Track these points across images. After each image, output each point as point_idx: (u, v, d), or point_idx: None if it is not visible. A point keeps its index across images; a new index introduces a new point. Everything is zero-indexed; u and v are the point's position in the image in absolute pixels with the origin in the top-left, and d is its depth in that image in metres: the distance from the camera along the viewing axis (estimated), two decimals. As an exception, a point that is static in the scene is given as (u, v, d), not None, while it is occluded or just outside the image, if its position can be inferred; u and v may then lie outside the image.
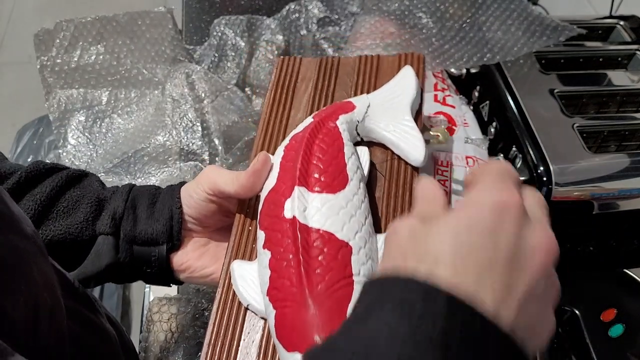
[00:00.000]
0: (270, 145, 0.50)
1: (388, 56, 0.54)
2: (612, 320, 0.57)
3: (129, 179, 0.71)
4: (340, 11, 0.88)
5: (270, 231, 0.39)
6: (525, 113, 0.66)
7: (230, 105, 0.76)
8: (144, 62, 0.79)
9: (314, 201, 0.39)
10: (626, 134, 0.67)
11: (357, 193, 0.40)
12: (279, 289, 0.36)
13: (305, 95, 0.53)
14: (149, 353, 0.60)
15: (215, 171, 0.45)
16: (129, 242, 0.46)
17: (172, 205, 0.46)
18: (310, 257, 0.36)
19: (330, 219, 0.38)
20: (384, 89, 0.50)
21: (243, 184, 0.42)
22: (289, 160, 0.42)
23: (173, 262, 0.47)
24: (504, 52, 0.71)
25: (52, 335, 0.31)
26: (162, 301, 0.63)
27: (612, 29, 0.81)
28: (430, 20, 0.74)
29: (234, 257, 0.43)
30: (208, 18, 0.91)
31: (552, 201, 0.61)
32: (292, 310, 0.35)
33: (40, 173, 0.46)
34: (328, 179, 0.40)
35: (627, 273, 0.61)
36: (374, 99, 0.48)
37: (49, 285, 0.33)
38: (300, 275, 0.35)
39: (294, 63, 0.55)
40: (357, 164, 0.43)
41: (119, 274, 0.47)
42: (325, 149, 0.42)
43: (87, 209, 0.46)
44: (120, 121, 0.77)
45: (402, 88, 0.48)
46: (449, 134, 0.62)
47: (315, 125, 0.44)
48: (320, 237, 0.37)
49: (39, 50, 0.76)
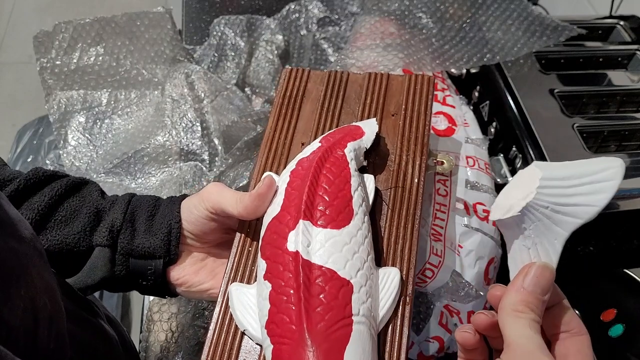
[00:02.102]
0: (274, 161, 0.49)
1: (397, 76, 0.53)
2: (612, 320, 0.57)
3: (129, 180, 0.71)
4: (340, 11, 0.88)
5: (272, 262, 0.39)
6: (525, 113, 0.66)
7: (230, 105, 0.76)
8: (144, 62, 0.79)
9: (318, 236, 0.38)
10: (626, 134, 0.67)
11: (361, 228, 0.40)
12: (277, 324, 0.36)
13: (311, 111, 0.52)
14: (150, 353, 0.61)
15: (219, 190, 0.44)
16: (126, 255, 0.45)
17: (172, 219, 0.46)
18: (311, 296, 0.36)
19: (333, 256, 0.37)
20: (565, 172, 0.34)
21: (247, 206, 0.42)
22: (294, 188, 0.41)
23: (170, 276, 0.46)
24: (504, 52, 0.71)
25: (52, 339, 0.31)
26: (162, 301, 0.63)
27: (612, 29, 0.81)
28: (430, 21, 0.74)
29: (233, 278, 0.43)
30: (208, 18, 0.92)
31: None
32: (289, 348, 0.34)
33: (40, 181, 0.45)
34: (333, 213, 0.39)
35: (627, 273, 0.61)
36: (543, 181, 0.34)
37: (49, 289, 0.33)
38: (300, 314, 0.35)
39: (302, 76, 0.54)
40: (362, 195, 0.42)
41: (114, 285, 0.47)
42: (332, 180, 0.41)
43: (85, 219, 0.45)
44: (120, 122, 0.77)
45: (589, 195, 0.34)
46: (454, 160, 0.61)
47: (322, 153, 0.43)
48: (322, 275, 0.37)
49: (39, 52, 0.76)
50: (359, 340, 0.35)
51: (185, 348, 0.61)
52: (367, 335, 0.36)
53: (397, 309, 0.40)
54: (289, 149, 0.49)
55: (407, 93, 0.52)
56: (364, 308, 0.37)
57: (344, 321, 0.35)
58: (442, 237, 0.55)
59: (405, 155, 0.48)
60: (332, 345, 0.34)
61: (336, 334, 0.35)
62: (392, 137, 0.49)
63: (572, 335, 0.33)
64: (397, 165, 0.47)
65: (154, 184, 0.70)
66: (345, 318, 0.35)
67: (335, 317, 0.35)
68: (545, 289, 0.32)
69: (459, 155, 0.62)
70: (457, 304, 0.56)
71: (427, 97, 0.51)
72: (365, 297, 0.37)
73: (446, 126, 0.64)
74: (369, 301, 0.37)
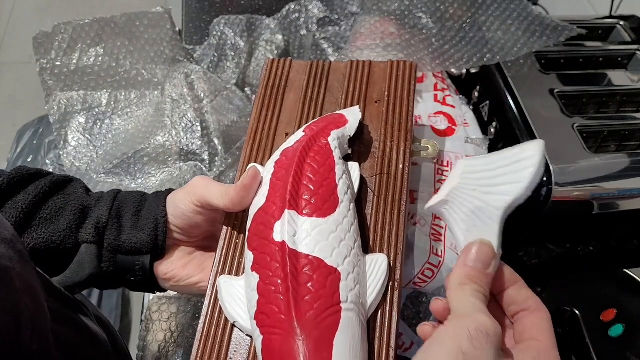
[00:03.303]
0: (259, 152, 0.49)
1: (380, 63, 0.53)
2: (612, 320, 0.57)
3: (129, 180, 0.71)
4: (340, 11, 0.88)
5: (259, 253, 0.39)
6: (525, 113, 0.66)
7: (230, 105, 0.76)
8: (143, 63, 0.79)
9: (304, 225, 0.38)
10: (626, 134, 0.67)
11: (347, 215, 0.40)
12: (267, 315, 0.36)
13: (294, 101, 0.52)
14: (147, 352, 0.60)
15: (205, 183, 0.44)
16: (113, 251, 0.45)
17: (158, 214, 0.45)
18: (299, 285, 0.36)
19: (320, 244, 0.38)
20: (488, 161, 0.37)
21: (232, 198, 0.42)
22: (279, 178, 0.41)
23: (158, 271, 0.46)
24: (504, 52, 0.71)
25: (35, 340, 0.31)
26: (161, 300, 0.63)
27: (612, 29, 0.81)
28: (430, 21, 0.74)
29: (221, 271, 0.43)
30: (208, 18, 0.92)
31: (552, 201, 0.61)
32: (280, 338, 0.35)
33: (24, 179, 0.45)
34: (319, 201, 0.40)
35: (627, 273, 0.61)
36: (468, 169, 0.37)
37: (30, 290, 0.32)
38: (289, 304, 0.35)
39: (284, 66, 0.54)
40: (347, 183, 0.42)
41: (103, 282, 0.46)
42: (317, 169, 0.41)
43: (70, 216, 0.45)
44: (120, 122, 0.77)
45: (513, 175, 0.35)
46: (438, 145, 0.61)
47: (306, 142, 0.43)
48: (309, 263, 0.37)
49: (38, 53, 0.76)
50: (348, 327, 0.35)
51: (185, 348, 0.61)
52: (357, 322, 0.36)
53: (385, 295, 0.40)
54: (273, 140, 0.49)
55: (390, 79, 0.51)
56: (352, 295, 0.37)
57: (332, 309, 0.35)
58: (442, 237, 0.55)
59: (389, 141, 0.48)
60: (322, 333, 0.34)
61: (325, 322, 0.35)
62: (376, 124, 0.49)
63: (530, 313, 0.34)
64: (381, 152, 0.47)
65: (154, 184, 0.71)
66: (334, 306, 0.36)
67: (324, 305, 0.35)
68: (486, 263, 0.34)
69: (459, 155, 0.62)
70: (457, 304, 0.56)
71: (409, 83, 0.50)
72: (353, 284, 0.37)
73: (446, 126, 0.64)
74: (357, 288, 0.37)
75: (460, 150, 0.63)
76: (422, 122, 0.65)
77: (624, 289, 0.60)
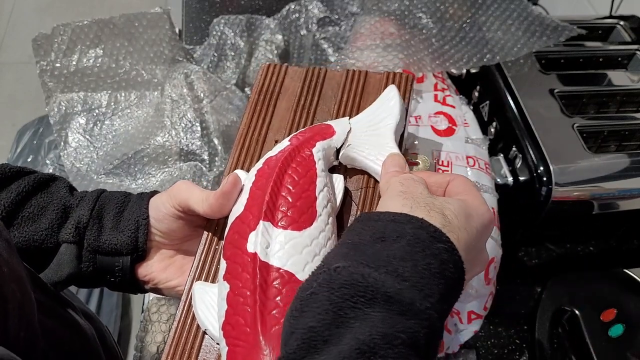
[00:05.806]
0: (246, 158, 0.48)
1: (376, 74, 0.52)
2: (612, 320, 0.57)
3: (130, 180, 0.71)
4: (340, 11, 0.88)
5: (231, 262, 0.38)
6: (525, 113, 0.66)
7: (229, 105, 0.76)
8: (143, 63, 0.79)
9: (279, 237, 0.38)
10: (626, 134, 0.67)
11: (324, 230, 0.39)
12: (233, 326, 0.35)
13: (286, 108, 0.51)
14: (145, 353, 0.60)
15: (187, 188, 0.44)
16: (93, 251, 0.45)
17: (139, 216, 0.45)
18: (268, 298, 0.35)
19: (292, 258, 0.37)
20: (367, 112, 0.47)
21: (212, 204, 0.42)
22: (259, 187, 0.41)
23: (138, 272, 0.46)
24: (504, 52, 0.71)
25: (22, 327, 0.31)
26: (161, 301, 0.63)
27: (612, 29, 0.81)
28: (430, 21, 0.74)
29: (198, 277, 0.42)
30: (208, 18, 0.92)
31: (552, 201, 0.61)
32: (243, 350, 0.34)
33: (6, 177, 0.45)
34: (295, 214, 0.39)
35: (627, 273, 0.61)
36: (356, 124, 0.46)
37: (17, 278, 0.32)
38: (255, 317, 0.34)
39: (279, 72, 0.53)
40: (328, 197, 0.41)
41: (82, 282, 0.46)
42: (297, 180, 0.40)
43: (52, 216, 0.44)
44: (120, 123, 0.77)
45: (386, 112, 0.46)
46: (432, 157, 0.60)
47: (289, 153, 0.42)
48: (280, 277, 0.36)
49: (38, 55, 0.76)
50: None
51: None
52: None
53: None
54: (262, 146, 0.48)
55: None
56: None
57: None
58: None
59: None
60: None
61: None
62: None
63: (451, 182, 0.40)
64: None
65: (154, 184, 0.71)
66: None
67: None
68: (401, 164, 0.41)
69: (460, 155, 0.62)
70: (457, 304, 0.56)
71: (404, 95, 0.49)
72: None
73: (446, 126, 0.64)
74: None
75: (460, 150, 0.63)
76: (422, 122, 0.65)
77: (624, 289, 0.60)
